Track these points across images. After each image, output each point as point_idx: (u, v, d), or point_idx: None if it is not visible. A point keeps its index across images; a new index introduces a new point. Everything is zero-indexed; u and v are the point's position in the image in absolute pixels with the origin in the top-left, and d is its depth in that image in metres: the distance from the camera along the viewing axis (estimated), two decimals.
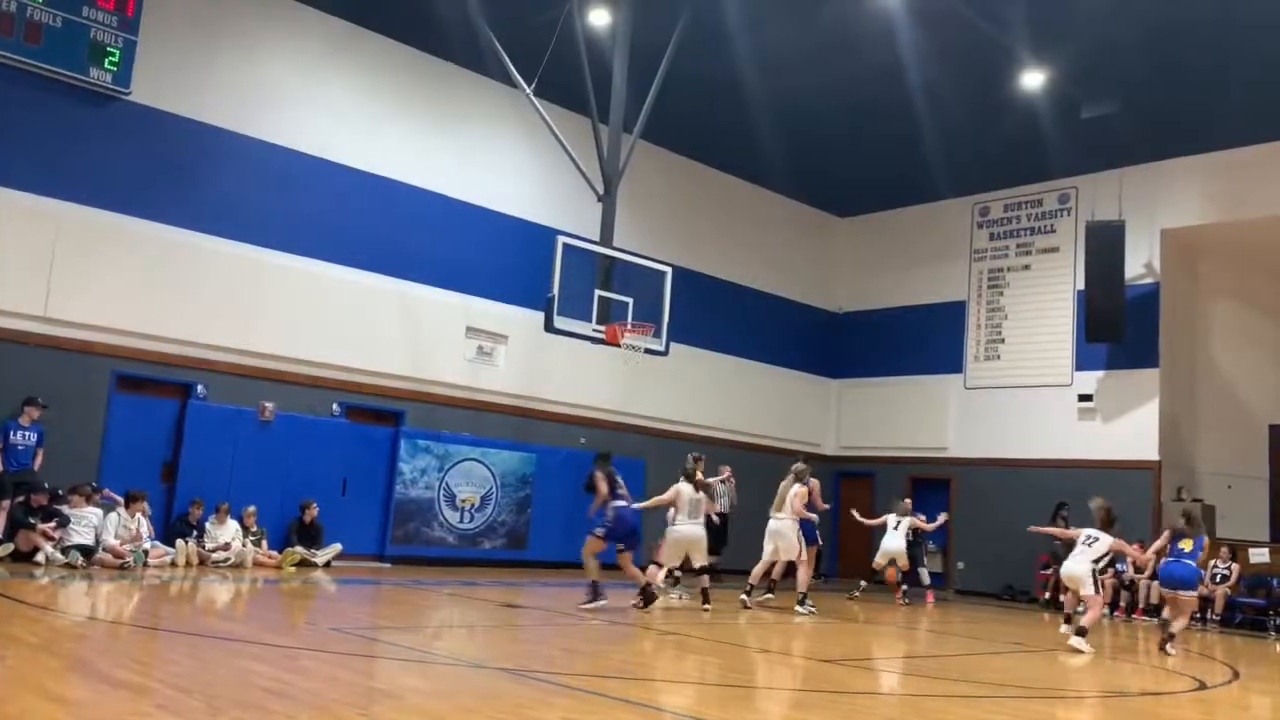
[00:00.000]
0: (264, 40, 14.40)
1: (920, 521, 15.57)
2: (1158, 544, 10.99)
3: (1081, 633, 10.28)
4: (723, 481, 15.61)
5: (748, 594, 12.38)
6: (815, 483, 13.32)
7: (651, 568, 12.15)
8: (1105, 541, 10.72)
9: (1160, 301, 17.74)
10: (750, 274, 20.48)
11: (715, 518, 13.77)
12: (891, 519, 15.44)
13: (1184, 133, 16.72)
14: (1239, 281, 18.88)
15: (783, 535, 12.45)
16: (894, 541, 15.13)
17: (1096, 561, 10.88)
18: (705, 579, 11.57)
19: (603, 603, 10.53)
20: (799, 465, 12.91)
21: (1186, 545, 10.39)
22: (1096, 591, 10.69)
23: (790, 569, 12.72)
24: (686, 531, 11.51)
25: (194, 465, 13.24)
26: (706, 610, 11.18)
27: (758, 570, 12.76)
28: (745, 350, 20.15)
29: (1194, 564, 10.39)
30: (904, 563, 15.12)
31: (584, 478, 11.84)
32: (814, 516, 13.03)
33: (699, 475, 11.88)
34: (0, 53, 12.05)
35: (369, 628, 8.72)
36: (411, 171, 15.67)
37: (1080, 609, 11.47)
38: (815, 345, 21.65)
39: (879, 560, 15.22)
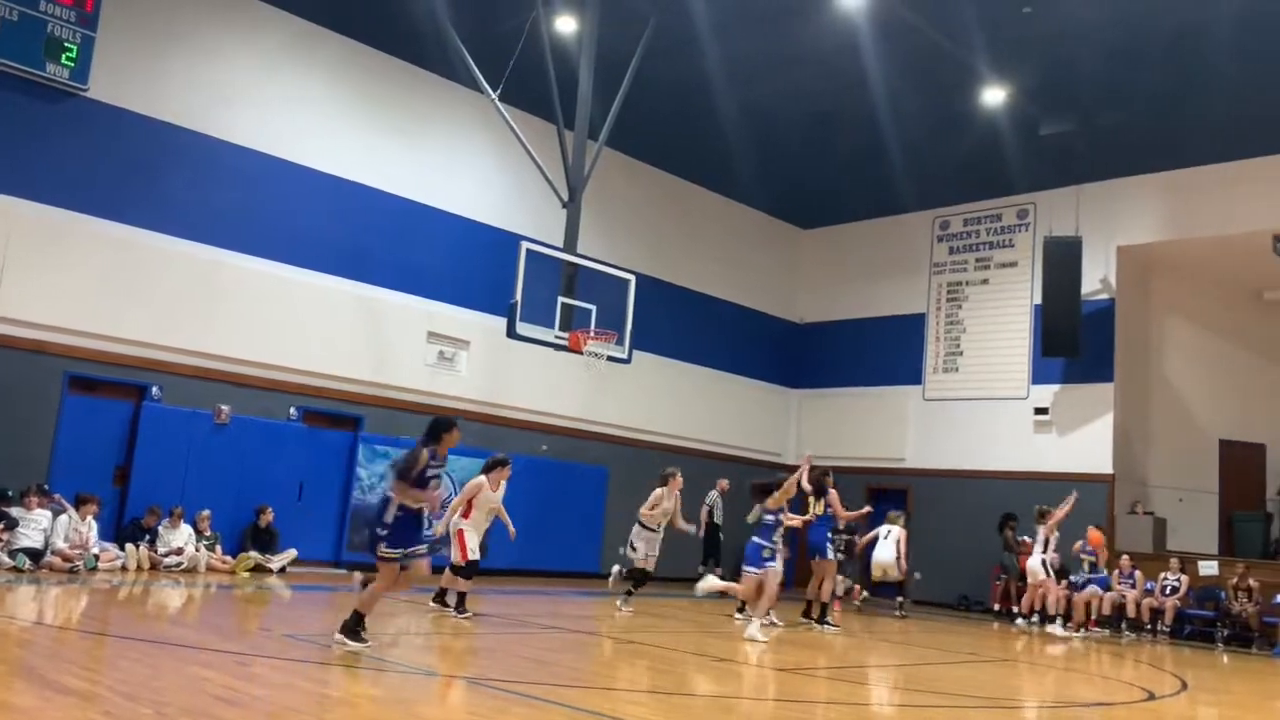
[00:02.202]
0: (225, 38, 14.24)
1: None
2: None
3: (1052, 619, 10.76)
4: (720, 494, 15.84)
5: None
6: (834, 494, 12.91)
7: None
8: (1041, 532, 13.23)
9: (1115, 317, 18.02)
10: (713, 283, 20.54)
11: (699, 530, 13.89)
12: (883, 530, 15.38)
13: (1140, 151, 17.02)
14: (1191, 299, 19.24)
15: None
16: (884, 553, 15.08)
17: (1044, 553, 13.93)
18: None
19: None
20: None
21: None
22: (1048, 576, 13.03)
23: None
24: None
25: (147, 468, 13.03)
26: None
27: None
28: (707, 359, 20.20)
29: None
30: (894, 574, 15.11)
31: (550, 485, 11.91)
32: (797, 521, 12.38)
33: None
34: None
35: (323, 634, 8.62)
36: (374, 174, 15.56)
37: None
38: (777, 355, 21.75)
39: (875, 573, 15.24)
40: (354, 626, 7.50)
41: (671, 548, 13.05)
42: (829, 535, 12.87)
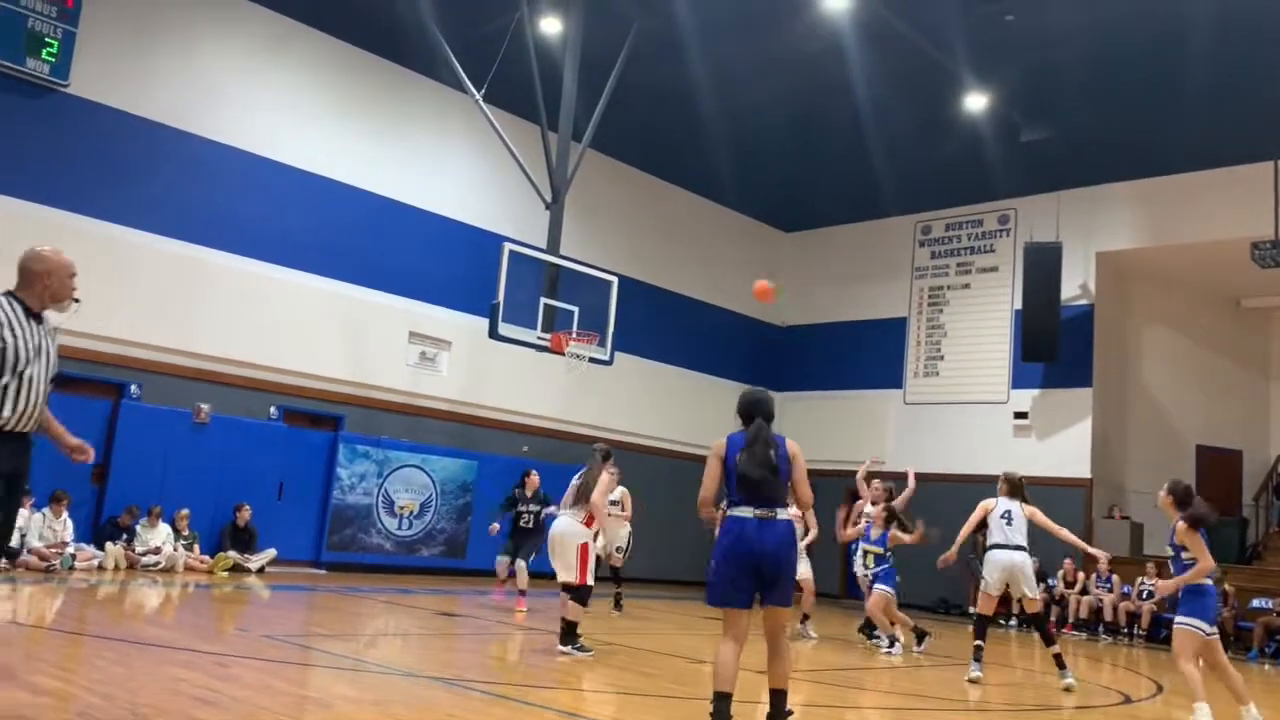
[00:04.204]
0: (206, 35, 14.18)
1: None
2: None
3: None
4: None
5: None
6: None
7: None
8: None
9: (1094, 323, 18.16)
10: (695, 285, 20.59)
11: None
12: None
13: (1120, 159, 17.17)
14: (1169, 305, 19.41)
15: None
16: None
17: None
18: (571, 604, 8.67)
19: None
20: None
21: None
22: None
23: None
24: (555, 525, 9.10)
25: (126, 467, 12.95)
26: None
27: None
28: (689, 361, 20.24)
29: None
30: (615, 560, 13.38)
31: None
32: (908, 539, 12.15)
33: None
34: None
35: (302, 635, 8.59)
36: (356, 173, 15.52)
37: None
38: (758, 358, 21.80)
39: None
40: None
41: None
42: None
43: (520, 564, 11.59)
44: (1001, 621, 15.24)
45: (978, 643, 9.03)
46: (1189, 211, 17.23)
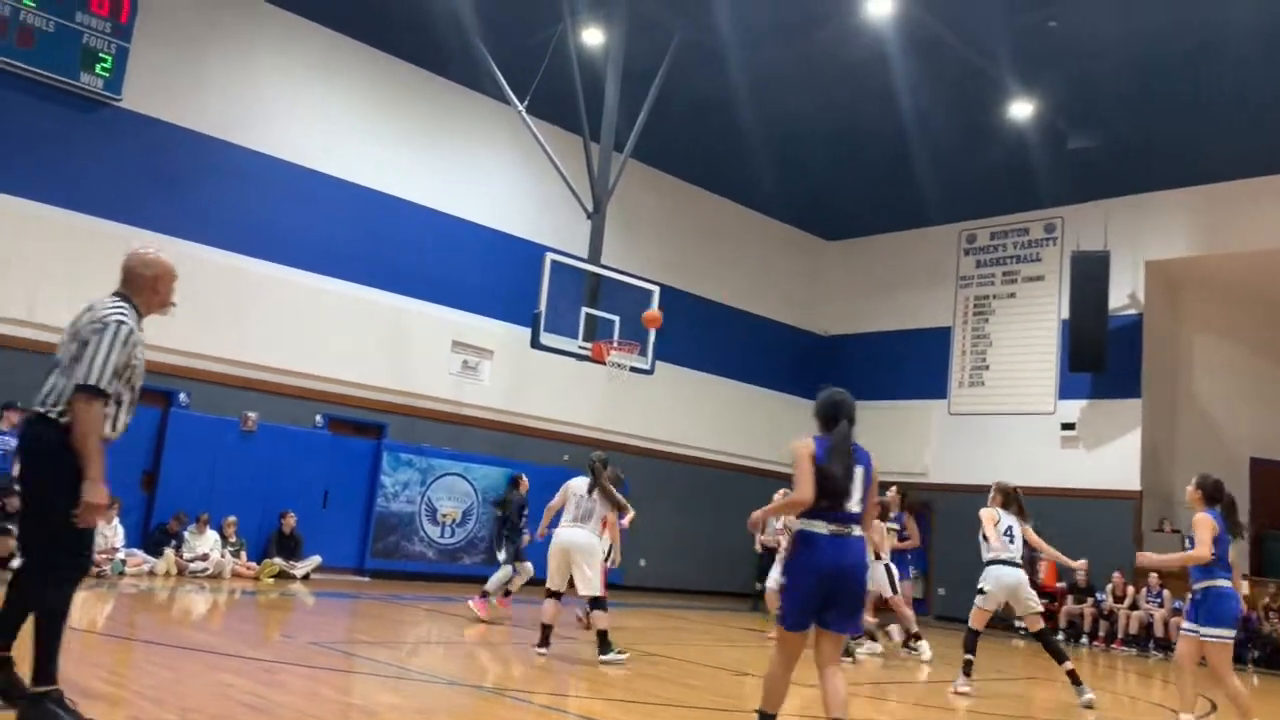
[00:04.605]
0: (257, 50, 14.42)
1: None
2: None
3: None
4: None
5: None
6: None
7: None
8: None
9: (1143, 332, 17.87)
10: (737, 295, 20.53)
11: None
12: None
13: (1168, 166, 16.90)
14: (1221, 314, 19.04)
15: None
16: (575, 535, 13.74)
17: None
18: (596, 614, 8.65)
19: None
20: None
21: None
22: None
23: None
24: (566, 537, 8.73)
25: (174, 474, 13.16)
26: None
27: None
28: (730, 371, 20.18)
29: None
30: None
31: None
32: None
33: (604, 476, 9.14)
34: None
35: (346, 642, 8.67)
36: (401, 185, 15.68)
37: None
38: (800, 367, 21.67)
39: None
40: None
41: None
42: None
43: (528, 564, 11.64)
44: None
45: (968, 657, 8.90)
46: (1240, 219, 16.92)
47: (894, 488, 12.28)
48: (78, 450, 4.20)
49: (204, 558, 12.79)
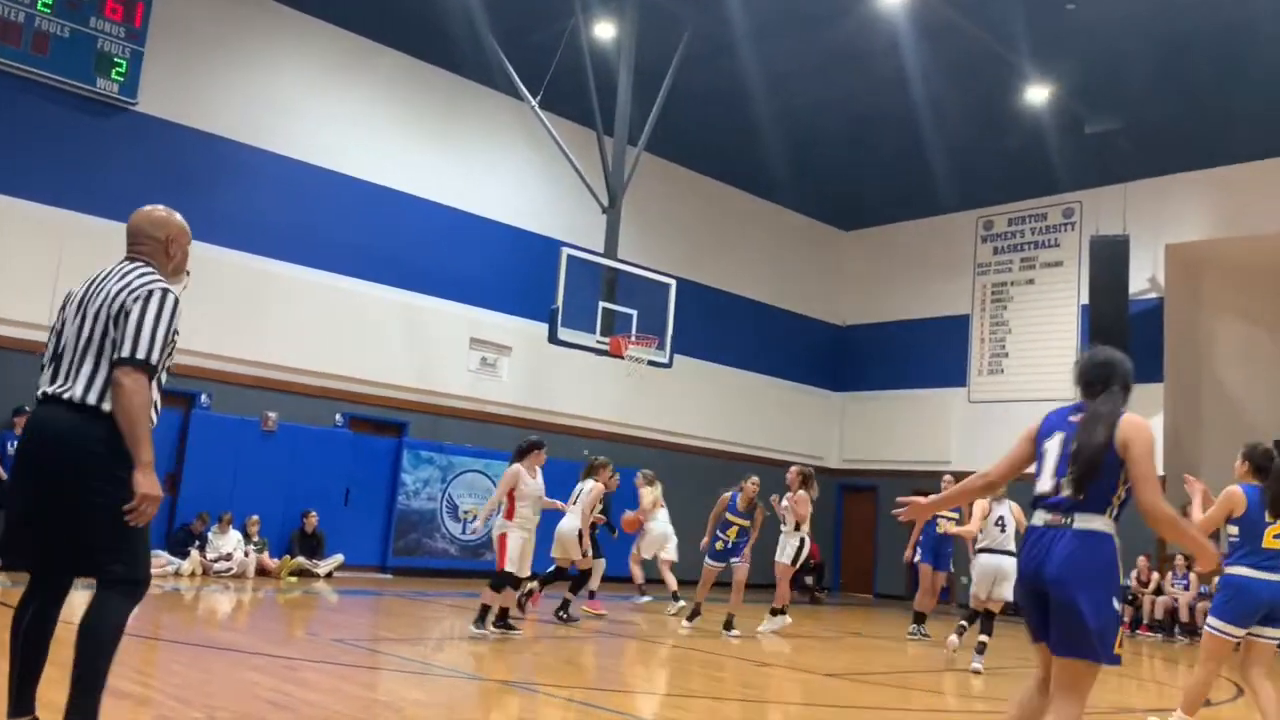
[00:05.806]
0: (271, 52, 14.47)
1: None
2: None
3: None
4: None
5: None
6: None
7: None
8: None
9: (1164, 316, 17.71)
10: (754, 286, 20.48)
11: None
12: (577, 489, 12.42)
13: (1188, 148, 16.73)
14: (1243, 297, 18.85)
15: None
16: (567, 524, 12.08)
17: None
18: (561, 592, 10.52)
19: None
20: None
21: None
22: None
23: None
24: (562, 527, 11.07)
25: (197, 475, 13.24)
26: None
27: None
28: (749, 363, 20.14)
29: None
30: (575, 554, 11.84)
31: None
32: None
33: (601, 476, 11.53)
34: (8, 62, 12.13)
35: (370, 639, 8.70)
36: (417, 183, 15.71)
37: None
38: (819, 358, 21.64)
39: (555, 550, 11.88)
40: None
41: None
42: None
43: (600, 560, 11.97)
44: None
45: (982, 638, 9.21)
46: (1262, 201, 16.72)
47: (794, 467, 11.84)
48: (126, 434, 3.63)
49: (228, 557, 12.87)
